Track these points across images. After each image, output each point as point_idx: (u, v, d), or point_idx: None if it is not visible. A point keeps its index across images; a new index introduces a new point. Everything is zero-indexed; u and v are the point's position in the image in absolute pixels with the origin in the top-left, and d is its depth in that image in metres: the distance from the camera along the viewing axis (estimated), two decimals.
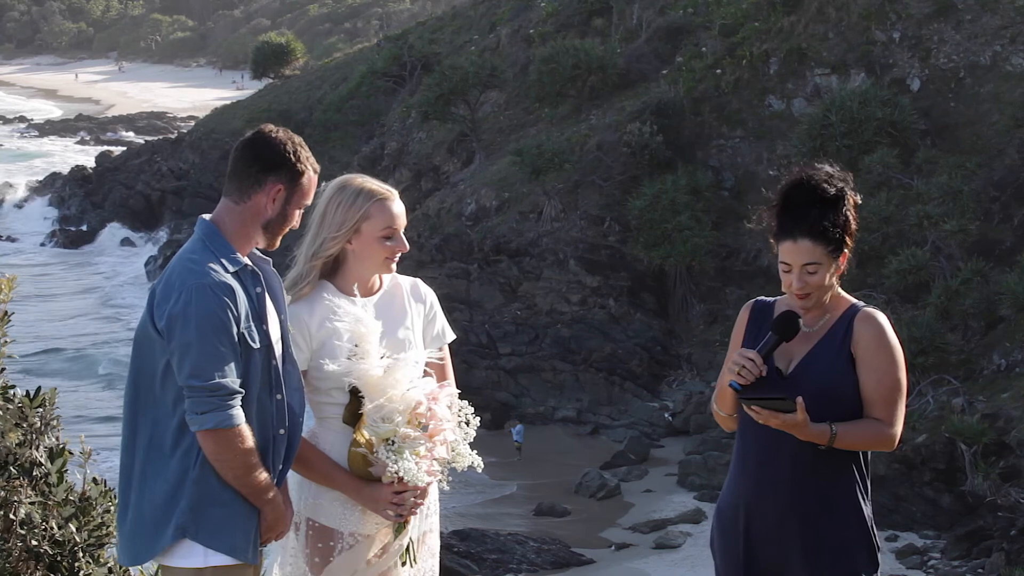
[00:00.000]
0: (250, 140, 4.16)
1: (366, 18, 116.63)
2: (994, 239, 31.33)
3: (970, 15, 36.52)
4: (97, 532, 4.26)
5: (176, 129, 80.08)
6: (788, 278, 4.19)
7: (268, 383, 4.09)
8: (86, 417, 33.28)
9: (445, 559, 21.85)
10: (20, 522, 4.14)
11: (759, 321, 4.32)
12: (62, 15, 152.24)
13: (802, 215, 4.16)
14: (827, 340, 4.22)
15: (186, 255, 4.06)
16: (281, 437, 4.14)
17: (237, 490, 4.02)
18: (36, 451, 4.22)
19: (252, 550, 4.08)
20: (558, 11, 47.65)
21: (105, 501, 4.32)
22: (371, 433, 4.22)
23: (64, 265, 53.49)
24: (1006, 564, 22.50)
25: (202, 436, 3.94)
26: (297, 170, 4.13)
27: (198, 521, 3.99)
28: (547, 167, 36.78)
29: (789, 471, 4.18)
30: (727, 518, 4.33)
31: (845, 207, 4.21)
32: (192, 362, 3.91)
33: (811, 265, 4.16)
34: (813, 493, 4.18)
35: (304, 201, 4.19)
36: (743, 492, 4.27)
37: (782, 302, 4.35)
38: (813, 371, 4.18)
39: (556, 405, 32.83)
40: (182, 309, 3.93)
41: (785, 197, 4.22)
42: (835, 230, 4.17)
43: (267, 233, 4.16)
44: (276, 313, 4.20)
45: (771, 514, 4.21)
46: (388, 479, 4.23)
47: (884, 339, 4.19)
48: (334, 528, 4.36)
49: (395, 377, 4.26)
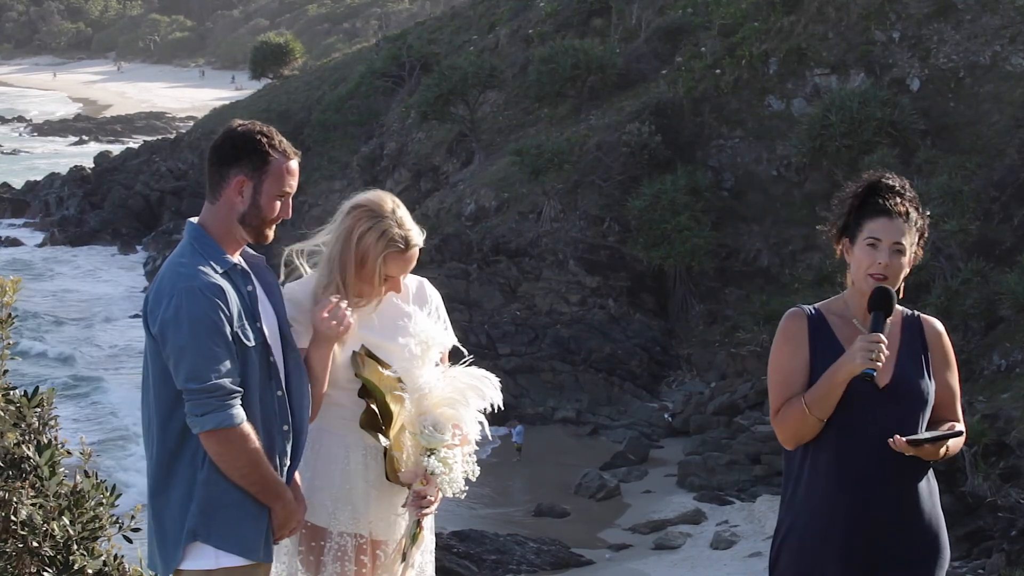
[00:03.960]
0: (216, 139, 4.16)
1: (365, 18, 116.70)
2: (994, 239, 31.32)
3: (970, 15, 36.51)
4: (91, 525, 4.23)
5: (175, 129, 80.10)
6: (873, 254, 4.15)
7: (267, 380, 4.07)
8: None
9: (444, 559, 21.86)
10: (21, 523, 4.12)
11: (819, 331, 4.25)
12: (60, 15, 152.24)
13: (895, 202, 4.19)
14: (907, 347, 4.23)
15: (175, 259, 4.06)
16: (285, 433, 4.12)
17: (245, 489, 4.00)
18: (27, 447, 4.19)
19: (264, 548, 4.07)
20: (557, 11, 47.65)
21: (97, 494, 4.29)
22: (425, 441, 4.19)
23: (64, 266, 53.40)
24: (1006, 565, 22.46)
25: (204, 437, 3.93)
26: (260, 159, 4.08)
27: (208, 523, 3.98)
28: (546, 167, 36.77)
29: (894, 486, 4.16)
30: (814, 537, 4.18)
31: (923, 214, 4.27)
32: (188, 365, 3.91)
33: (899, 245, 4.15)
34: (915, 504, 4.20)
35: (280, 188, 4.11)
36: (843, 509, 4.15)
37: (832, 309, 4.29)
38: (911, 382, 4.18)
39: (556, 405, 32.80)
40: (174, 313, 3.93)
41: (871, 189, 4.23)
42: (921, 227, 4.23)
43: (247, 228, 4.11)
44: (272, 310, 4.18)
45: (878, 529, 4.15)
46: (420, 485, 4.21)
47: (948, 343, 4.30)
48: (324, 528, 4.35)
49: (458, 390, 4.25)
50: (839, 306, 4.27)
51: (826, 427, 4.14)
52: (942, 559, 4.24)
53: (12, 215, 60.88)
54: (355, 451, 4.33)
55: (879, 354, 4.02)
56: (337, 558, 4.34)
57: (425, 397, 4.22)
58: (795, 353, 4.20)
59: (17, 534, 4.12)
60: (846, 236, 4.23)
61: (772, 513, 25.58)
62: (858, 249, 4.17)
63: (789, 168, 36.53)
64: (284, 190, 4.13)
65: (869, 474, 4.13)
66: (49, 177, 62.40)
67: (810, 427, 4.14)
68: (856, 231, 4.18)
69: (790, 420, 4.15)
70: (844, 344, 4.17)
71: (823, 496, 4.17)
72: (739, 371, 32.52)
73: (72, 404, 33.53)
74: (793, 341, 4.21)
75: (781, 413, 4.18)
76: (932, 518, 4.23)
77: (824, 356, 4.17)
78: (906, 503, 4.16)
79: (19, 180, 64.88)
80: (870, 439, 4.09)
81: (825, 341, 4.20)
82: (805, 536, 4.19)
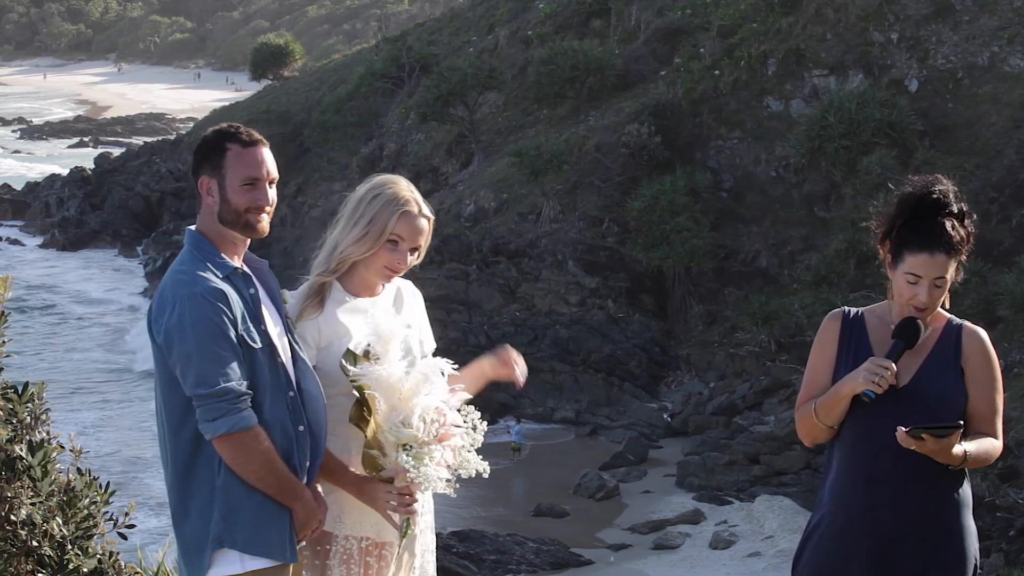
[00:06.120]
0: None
1: (365, 19, 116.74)
2: (992, 240, 31.31)
3: (968, 16, 36.53)
4: (85, 524, 4.24)
5: (175, 130, 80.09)
6: (914, 290, 4.17)
7: (277, 382, 4.06)
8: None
9: (444, 560, 21.87)
10: (20, 523, 4.13)
11: (852, 333, 4.30)
12: (61, 17, 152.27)
13: (939, 228, 4.16)
14: (938, 354, 4.22)
15: (176, 267, 4.06)
16: (302, 434, 4.10)
17: (263, 492, 4.00)
18: (19, 446, 4.20)
19: (290, 549, 4.06)
20: (556, 12, 47.67)
21: (91, 492, 4.30)
22: (393, 436, 4.17)
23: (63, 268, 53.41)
24: (1005, 564, 22.47)
25: (218, 443, 3.92)
26: (217, 156, 4.09)
27: (231, 528, 3.97)
28: (546, 168, 36.79)
29: (905, 489, 4.16)
30: (834, 535, 4.24)
31: (968, 223, 4.23)
32: (196, 371, 3.90)
33: (940, 279, 4.16)
34: (928, 510, 4.17)
35: (242, 175, 4.08)
36: (856, 509, 4.20)
37: (876, 312, 4.33)
38: (931, 385, 4.18)
39: (555, 406, 32.81)
40: (177, 320, 3.92)
41: (915, 208, 4.19)
42: (965, 245, 4.19)
43: (229, 225, 4.10)
44: (278, 314, 4.18)
45: (886, 530, 4.17)
46: (402, 483, 4.20)
47: (991, 355, 4.24)
48: (330, 531, 4.33)
49: (417, 382, 4.22)
50: (883, 310, 4.33)
51: (846, 427, 4.21)
52: (962, 568, 4.20)
53: (12, 216, 60.89)
54: (358, 453, 4.33)
55: (883, 380, 4.07)
56: (343, 561, 4.32)
57: (392, 392, 4.22)
58: (822, 354, 4.30)
59: (16, 533, 4.14)
60: (889, 251, 4.24)
61: (771, 513, 25.61)
62: (899, 277, 4.20)
63: (788, 169, 36.54)
64: (249, 176, 4.09)
65: (883, 474, 4.16)
66: (49, 178, 62.39)
67: (820, 431, 4.24)
68: (897, 257, 4.20)
69: (804, 421, 4.28)
70: (874, 345, 4.24)
71: (840, 494, 4.23)
72: (738, 371, 32.54)
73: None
74: (821, 342, 4.31)
75: (799, 412, 4.29)
76: (951, 525, 4.19)
77: (850, 356, 4.24)
78: (917, 505, 4.15)
79: (19, 182, 64.89)
80: (883, 439, 4.10)
81: (855, 341, 4.26)
82: (825, 533, 4.25)
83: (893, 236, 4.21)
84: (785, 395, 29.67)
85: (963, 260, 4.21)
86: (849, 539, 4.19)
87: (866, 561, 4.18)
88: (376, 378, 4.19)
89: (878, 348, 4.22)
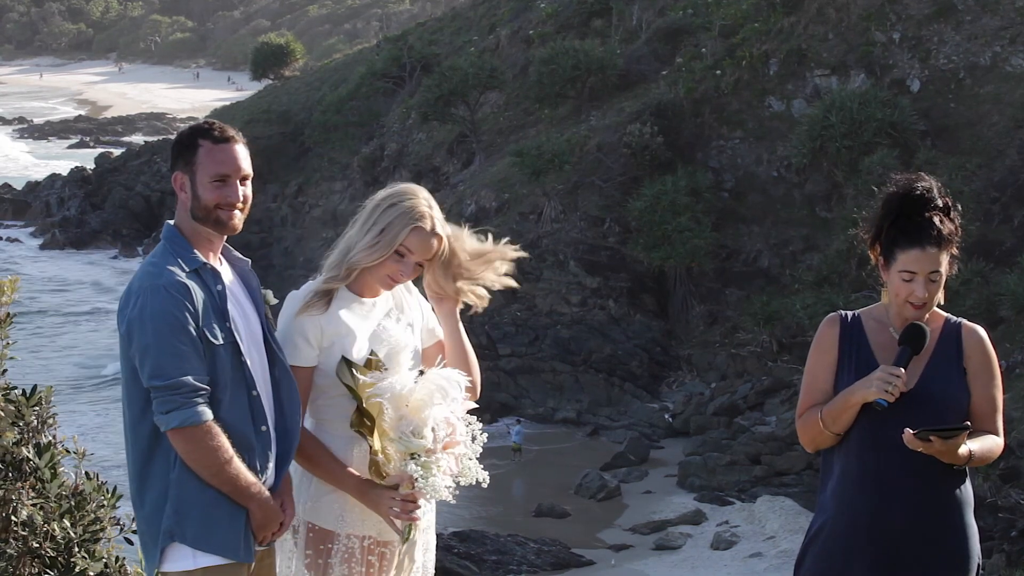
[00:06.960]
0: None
1: (366, 19, 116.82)
2: (994, 240, 31.29)
3: (970, 16, 36.51)
4: (92, 527, 4.24)
5: (175, 130, 79.94)
6: (910, 287, 4.18)
7: (241, 380, 4.04)
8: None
9: (445, 560, 21.86)
10: (22, 523, 4.12)
11: (851, 337, 4.29)
12: (61, 16, 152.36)
13: (926, 223, 4.18)
14: (941, 355, 4.23)
15: (148, 259, 4.08)
16: (264, 434, 4.08)
17: (218, 489, 3.97)
18: (26, 448, 4.20)
19: (244, 548, 4.02)
20: (557, 12, 47.68)
21: (99, 496, 4.29)
22: (403, 446, 4.16)
23: (64, 268, 53.42)
24: (1007, 565, 22.46)
25: (171, 436, 3.92)
26: (190, 152, 4.09)
27: (183, 523, 3.95)
28: (547, 168, 36.78)
29: (913, 490, 4.16)
30: (837, 539, 4.23)
31: (954, 215, 4.25)
32: (152, 362, 3.90)
33: (935, 273, 4.17)
34: (935, 510, 4.18)
35: (213, 171, 4.07)
36: (862, 512, 4.19)
37: (873, 314, 4.32)
38: (937, 387, 4.19)
39: (556, 406, 32.82)
40: (139, 312, 3.93)
41: (901, 206, 4.22)
42: (955, 238, 4.21)
43: (202, 221, 4.10)
44: (254, 312, 4.16)
45: (894, 533, 4.17)
46: (407, 490, 4.19)
47: (991, 352, 4.28)
48: (332, 530, 4.33)
49: (428, 392, 4.21)
50: (880, 312, 4.32)
51: (851, 432, 4.20)
52: (965, 567, 4.21)
53: (13, 216, 60.90)
54: (359, 453, 4.32)
55: (895, 388, 4.08)
56: (344, 560, 4.32)
57: (401, 401, 4.20)
58: (822, 359, 4.29)
59: (18, 535, 4.13)
60: (880, 254, 4.24)
61: (772, 514, 25.60)
62: (893, 276, 4.20)
63: (789, 169, 36.52)
64: (219, 173, 4.08)
65: (887, 477, 4.16)
66: (50, 178, 62.42)
67: (825, 438, 4.24)
68: (889, 257, 4.21)
69: (808, 428, 4.26)
70: (875, 348, 4.24)
71: (844, 498, 4.23)
72: (739, 372, 32.52)
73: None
74: (820, 347, 4.30)
75: (802, 419, 4.28)
76: (955, 525, 4.20)
77: (851, 360, 4.23)
78: (924, 507, 4.16)
79: (19, 181, 64.89)
80: (889, 442, 4.11)
81: (856, 344, 4.26)
82: (829, 537, 4.24)
83: (883, 237, 4.22)
84: (787, 395, 29.66)
85: (955, 253, 4.22)
86: (854, 542, 4.18)
87: (871, 563, 4.17)
88: (386, 389, 4.18)
89: (878, 351, 4.22)
